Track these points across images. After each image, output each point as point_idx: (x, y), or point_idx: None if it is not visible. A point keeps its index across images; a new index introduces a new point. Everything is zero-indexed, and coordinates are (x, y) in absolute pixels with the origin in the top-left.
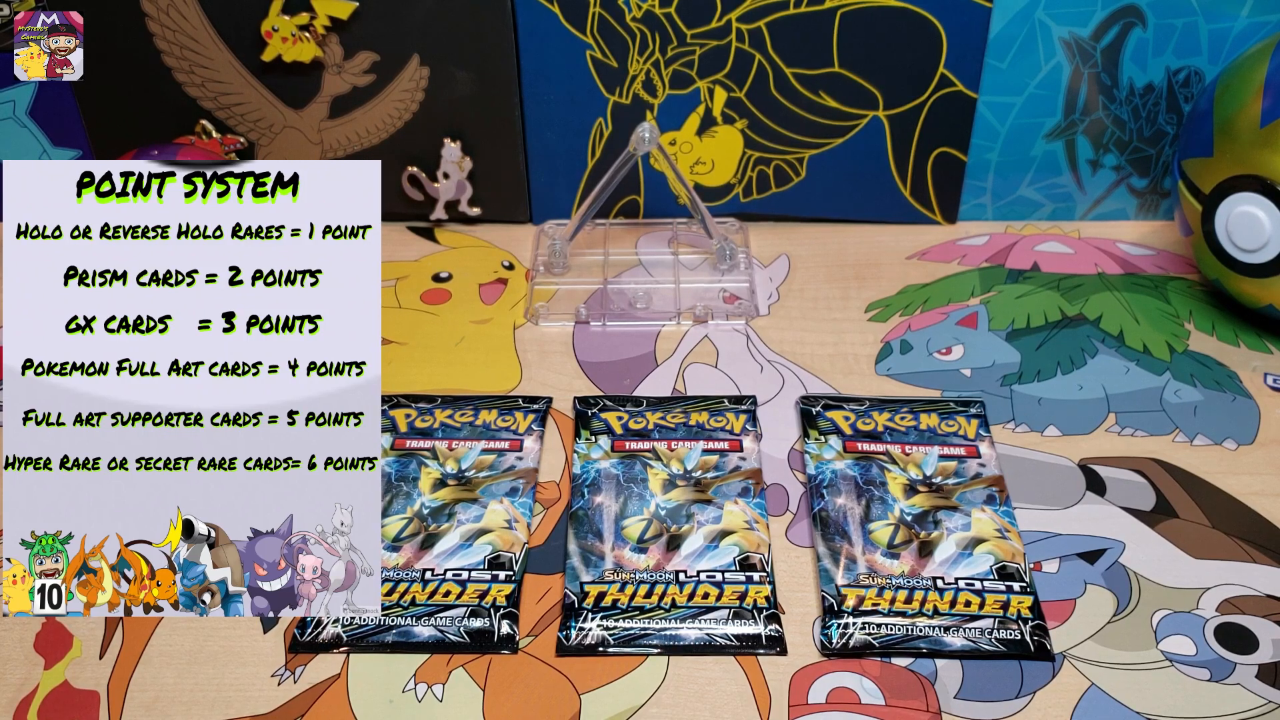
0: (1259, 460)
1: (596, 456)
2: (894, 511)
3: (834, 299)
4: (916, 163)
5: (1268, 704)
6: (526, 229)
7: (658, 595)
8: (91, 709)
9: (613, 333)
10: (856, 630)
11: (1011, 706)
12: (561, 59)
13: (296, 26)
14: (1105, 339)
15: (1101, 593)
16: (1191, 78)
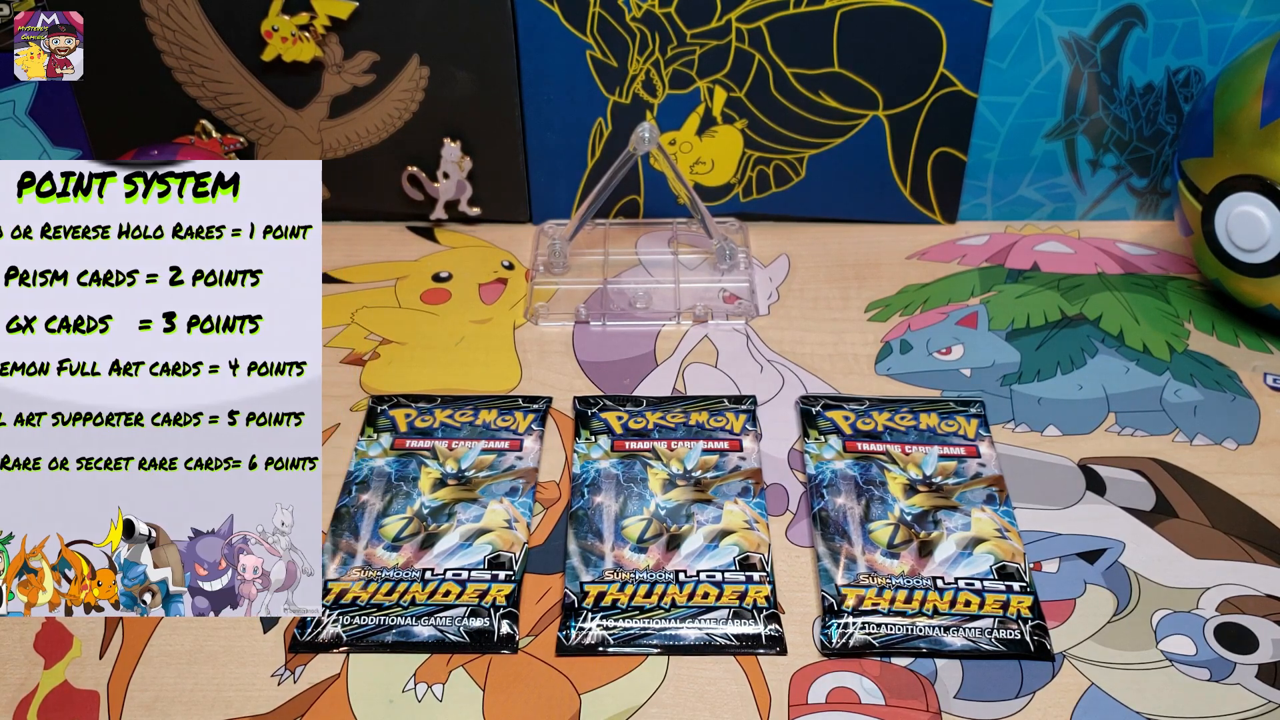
0: (1259, 460)
1: (596, 456)
2: (894, 511)
3: (834, 299)
4: (916, 163)
5: (1268, 704)
6: (526, 229)
7: (658, 595)
8: (91, 709)
9: (613, 333)
10: (856, 630)
11: (1011, 706)
12: (561, 59)
13: (296, 26)
14: (1105, 339)
15: (1101, 593)
16: (1191, 78)
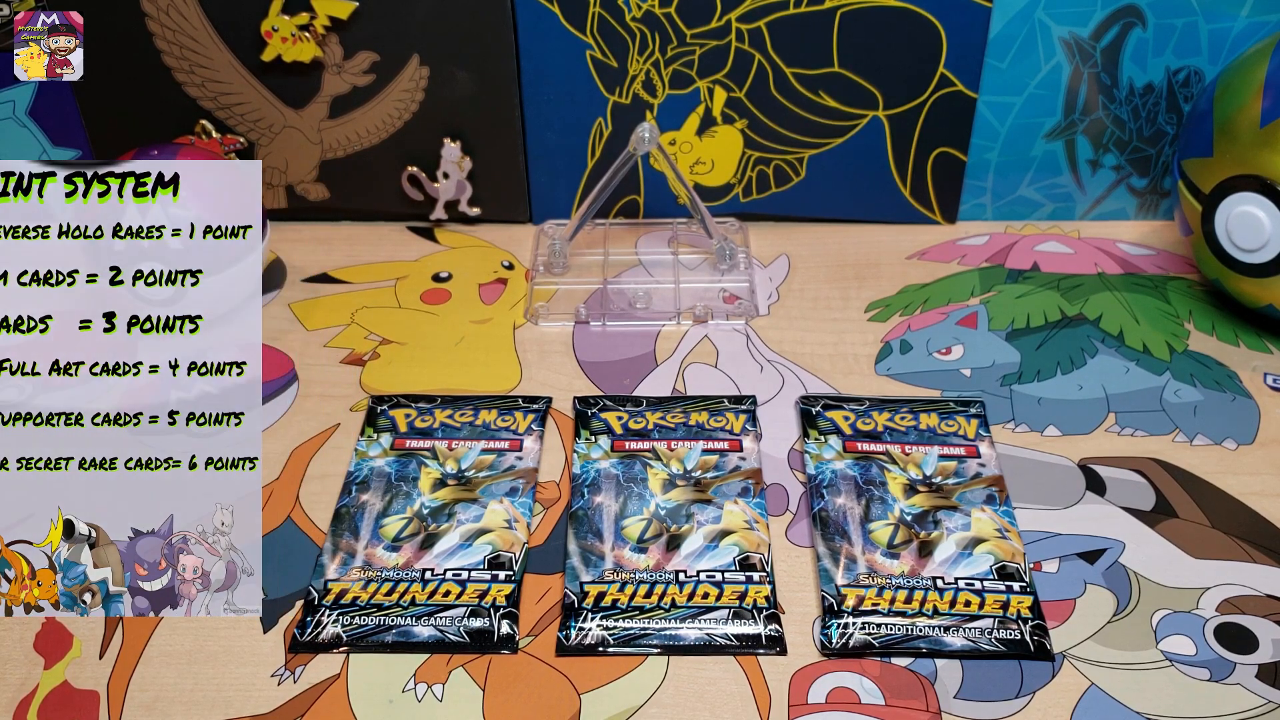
0: (1259, 460)
1: (596, 456)
2: (894, 511)
3: (834, 299)
4: (916, 163)
5: (1268, 704)
6: (526, 229)
7: (658, 595)
8: (91, 709)
9: (613, 333)
10: (856, 630)
11: (1011, 706)
12: (561, 59)
13: (296, 26)
14: (1105, 339)
15: (1101, 593)
16: (1191, 78)
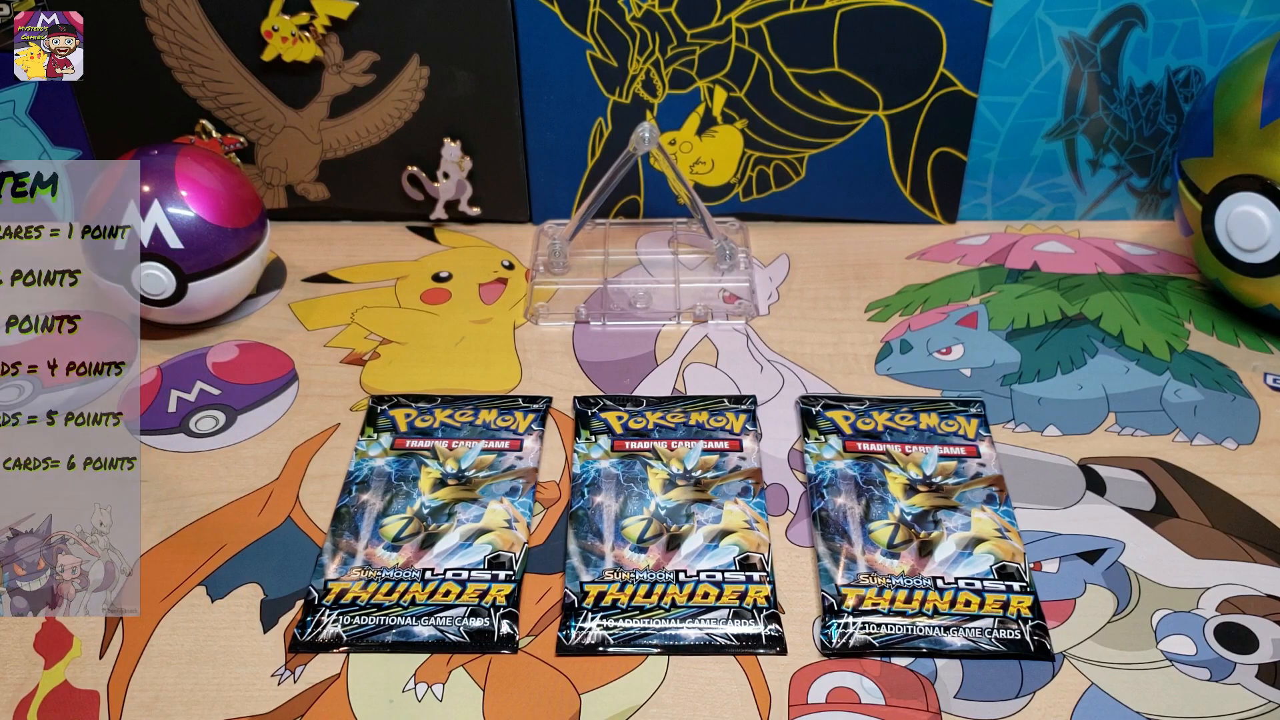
0: (1259, 460)
1: (596, 456)
2: (894, 511)
3: (834, 299)
4: (916, 162)
5: (1268, 704)
6: (526, 229)
7: (658, 595)
8: (91, 709)
9: (613, 332)
10: (856, 630)
11: (1011, 706)
12: (561, 59)
13: (296, 26)
14: (1105, 339)
15: (1101, 592)
16: (1191, 78)
